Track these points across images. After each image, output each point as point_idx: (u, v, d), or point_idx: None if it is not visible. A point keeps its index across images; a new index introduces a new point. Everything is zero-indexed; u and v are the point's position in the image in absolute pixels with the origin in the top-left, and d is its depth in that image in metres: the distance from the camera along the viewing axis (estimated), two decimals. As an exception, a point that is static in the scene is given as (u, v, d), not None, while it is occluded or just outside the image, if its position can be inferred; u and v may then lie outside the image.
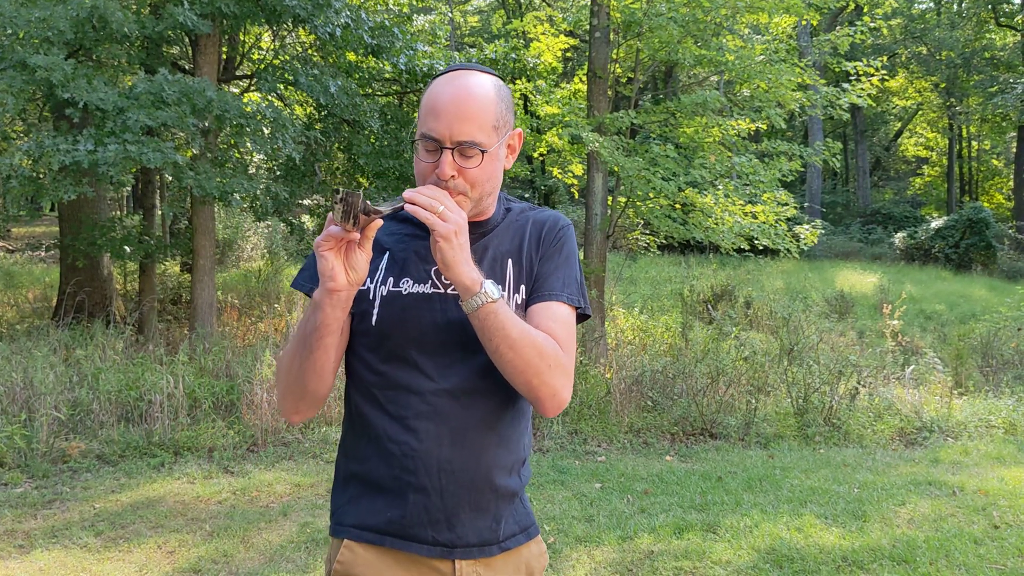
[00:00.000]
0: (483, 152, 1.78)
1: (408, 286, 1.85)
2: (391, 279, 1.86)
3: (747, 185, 10.48)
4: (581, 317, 1.94)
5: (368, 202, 1.64)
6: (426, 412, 1.80)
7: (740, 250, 10.61)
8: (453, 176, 1.77)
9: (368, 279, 1.86)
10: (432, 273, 1.85)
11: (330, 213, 1.67)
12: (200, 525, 5.35)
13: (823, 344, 10.65)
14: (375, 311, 1.84)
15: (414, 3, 13.08)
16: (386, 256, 1.89)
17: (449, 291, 1.83)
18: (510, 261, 1.89)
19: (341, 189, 1.62)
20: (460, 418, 1.81)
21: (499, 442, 1.86)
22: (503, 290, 1.79)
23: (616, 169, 9.82)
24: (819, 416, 8.12)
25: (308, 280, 1.92)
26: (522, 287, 1.88)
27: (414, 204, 1.66)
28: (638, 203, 10.57)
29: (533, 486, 6.25)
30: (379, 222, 1.67)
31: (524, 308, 1.87)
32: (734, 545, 5.03)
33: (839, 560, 4.80)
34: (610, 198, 10.96)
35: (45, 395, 6.93)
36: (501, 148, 1.85)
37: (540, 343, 1.75)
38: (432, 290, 1.84)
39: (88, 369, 7.83)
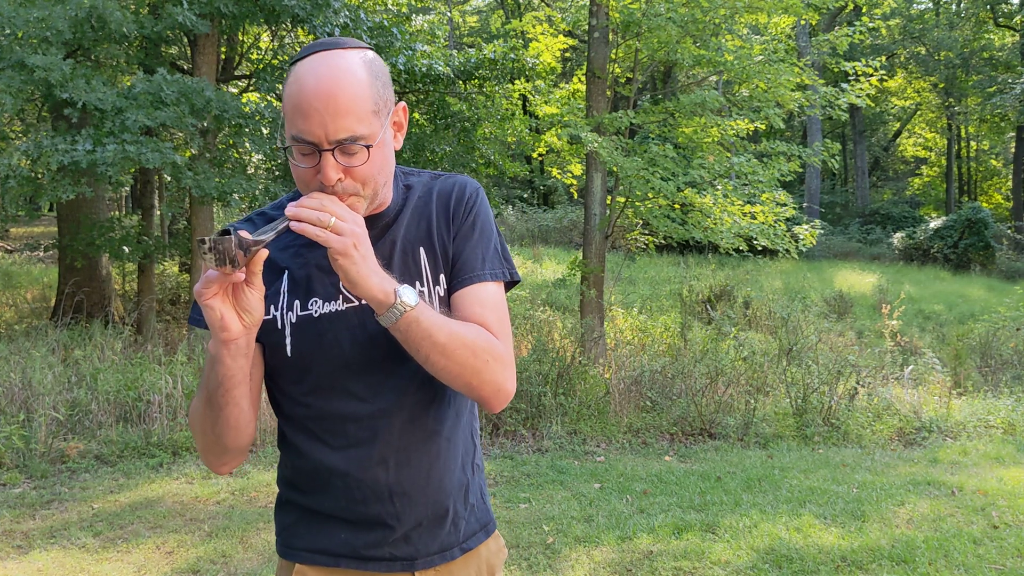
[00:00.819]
0: (368, 147, 1.55)
1: (318, 307, 1.65)
2: (297, 302, 1.66)
3: (746, 185, 10.48)
4: (511, 285, 1.76)
5: (245, 234, 1.44)
6: (365, 438, 1.66)
7: (739, 250, 10.61)
8: (340, 179, 1.55)
9: (272, 306, 1.66)
10: (341, 286, 1.66)
11: (200, 261, 1.45)
12: (198, 525, 5.35)
13: (822, 344, 10.65)
14: (287, 341, 1.66)
15: (413, 3, 13.08)
16: (285, 277, 1.69)
17: (362, 302, 1.64)
18: (422, 250, 1.70)
19: (206, 239, 1.40)
20: (402, 437, 1.67)
21: (447, 446, 1.74)
22: (421, 285, 1.67)
23: (615, 169, 9.82)
24: (818, 416, 8.12)
25: (199, 312, 1.67)
26: (441, 276, 1.70)
27: (300, 221, 1.45)
28: (637, 203, 10.57)
29: (532, 486, 6.25)
30: (264, 253, 1.47)
31: (447, 296, 1.70)
32: (733, 545, 5.02)
33: (838, 560, 4.80)
34: (609, 198, 10.96)
35: (43, 395, 6.93)
36: (387, 131, 1.62)
37: (471, 341, 1.59)
38: (345, 305, 1.65)
39: (86, 369, 7.83)
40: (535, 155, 13.98)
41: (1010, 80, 30.71)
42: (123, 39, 9.10)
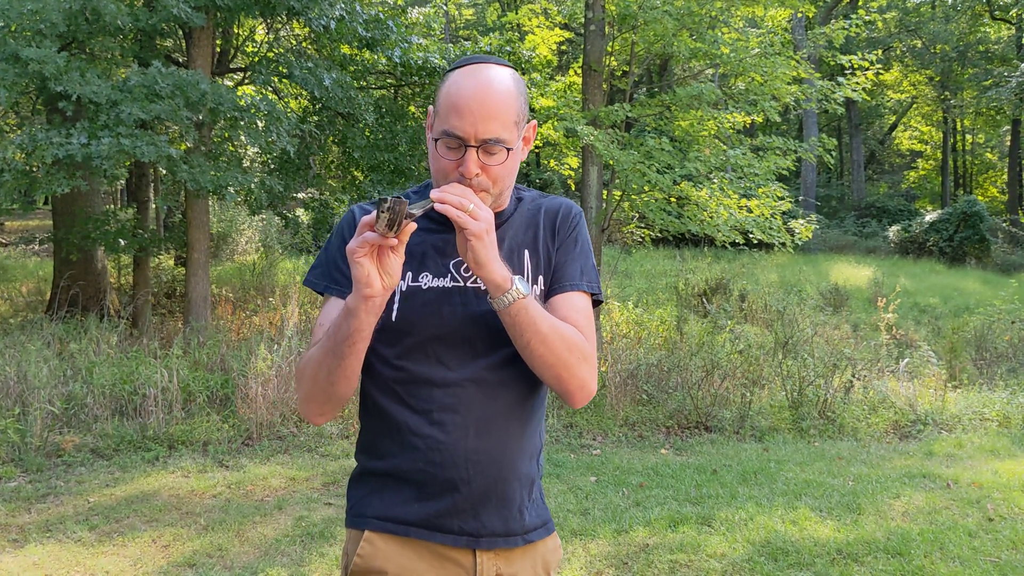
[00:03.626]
0: (508, 150, 1.78)
1: (427, 281, 1.84)
2: (409, 274, 1.84)
3: (741, 179, 10.47)
4: (595, 303, 1.94)
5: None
6: (450, 404, 1.79)
7: (735, 243, 10.61)
8: (477, 174, 1.75)
9: None
10: (451, 267, 1.85)
11: (365, 216, 1.65)
12: (195, 519, 5.34)
13: (817, 337, 10.66)
14: (395, 307, 1.82)
15: (408, -4, 13.04)
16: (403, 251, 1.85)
17: (468, 284, 1.83)
18: (527, 252, 1.89)
19: (389, 198, 1.59)
20: (485, 408, 1.80)
21: (522, 431, 1.86)
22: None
23: (611, 162, 9.81)
24: (814, 409, 8.13)
25: (322, 278, 1.91)
26: (540, 278, 1.88)
27: (444, 203, 1.64)
28: (633, 196, 10.56)
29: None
30: (414, 226, 1.64)
31: (544, 299, 1.87)
32: (729, 538, 5.03)
33: (834, 553, 4.81)
34: (605, 191, 10.95)
35: (39, 389, 6.91)
36: (519, 141, 1.84)
37: (569, 337, 1.76)
38: (452, 284, 1.83)
39: (82, 363, 7.81)
40: (531, 148, 13.95)
41: (1006, 73, 30.68)
42: (118, 32, 9.05)
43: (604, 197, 10.90)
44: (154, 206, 13.49)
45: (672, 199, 10.46)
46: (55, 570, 4.55)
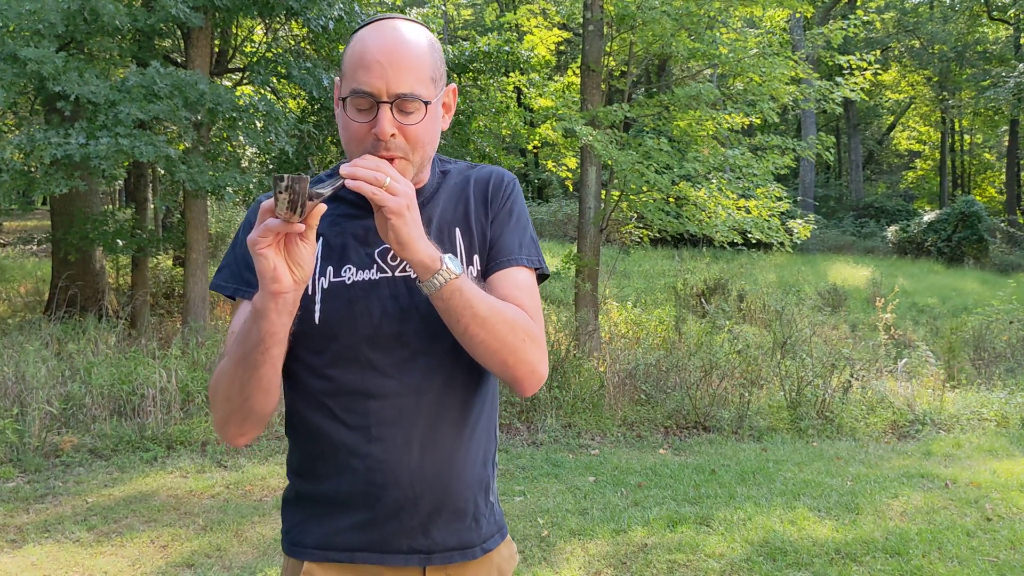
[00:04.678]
0: (426, 104, 1.57)
1: (351, 274, 1.63)
2: (330, 268, 1.64)
3: (740, 179, 10.49)
4: (540, 277, 1.76)
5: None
6: (390, 417, 1.60)
7: (733, 243, 10.62)
8: (393, 135, 1.56)
9: None
10: (376, 256, 1.65)
11: (267, 200, 1.43)
12: (193, 519, 5.34)
13: (816, 337, 10.67)
14: (316, 307, 1.62)
15: (407, -4, 13.05)
16: (320, 242, 1.65)
17: (397, 273, 1.63)
18: (458, 231, 1.69)
19: (286, 176, 1.37)
20: (429, 418, 1.62)
21: (472, 435, 1.69)
22: None
23: (609, 162, 9.82)
24: (812, 409, 8.14)
25: (230, 279, 1.70)
26: (475, 257, 1.69)
27: (355, 179, 1.44)
28: (631, 196, 10.58)
29: (527, 479, 6.25)
30: (322, 207, 1.44)
31: (482, 279, 1.67)
32: (727, 538, 5.04)
33: (832, 553, 4.82)
34: (603, 191, 10.96)
35: (37, 389, 6.91)
36: (438, 105, 1.64)
37: (511, 317, 1.57)
38: (379, 275, 1.63)
39: (80, 363, 7.81)
40: (530, 148, 13.98)
41: (1004, 74, 30.69)
42: (116, 32, 9.06)
43: (603, 197, 10.91)
44: (152, 206, 13.50)
45: (670, 199, 10.47)
46: (53, 570, 4.55)
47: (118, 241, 10.74)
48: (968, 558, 4.74)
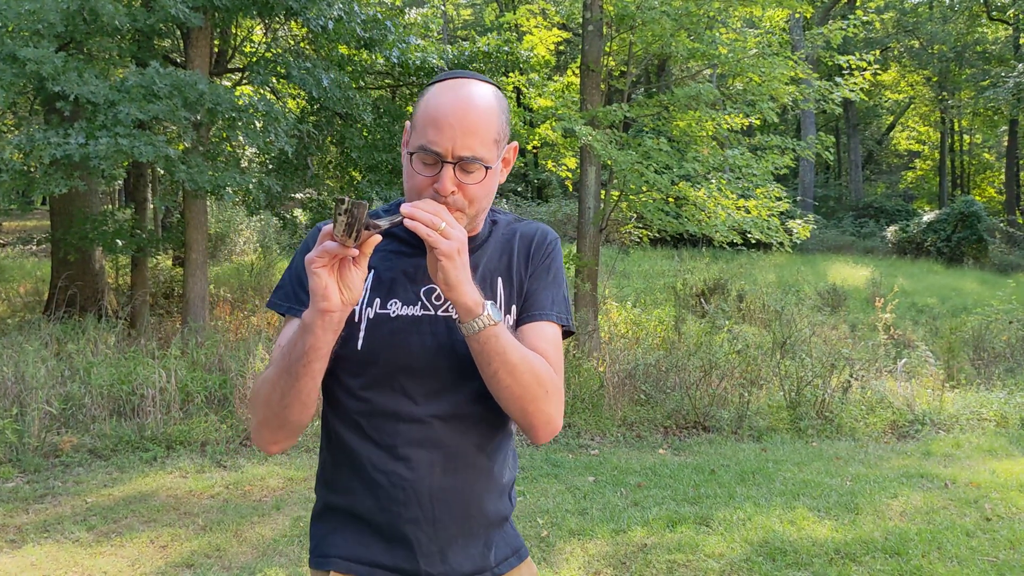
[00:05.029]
0: (487, 168, 1.69)
1: (396, 308, 1.75)
2: (377, 300, 1.75)
3: (739, 179, 10.49)
4: (566, 334, 1.87)
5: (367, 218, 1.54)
6: (417, 439, 1.71)
7: (733, 243, 10.62)
8: (453, 192, 1.67)
9: None
10: (422, 294, 1.76)
11: (327, 225, 1.55)
12: (193, 519, 5.34)
13: (815, 337, 10.67)
14: (361, 335, 1.73)
15: (406, -4, 13.04)
16: (371, 275, 1.77)
17: (439, 313, 1.74)
18: (500, 280, 1.81)
19: (347, 199, 1.48)
20: (452, 444, 1.73)
21: (491, 467, 1.80)
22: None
23: (609, 163, 9.82)
24: (812, 409, 8.14)
25: (285, 299, 1.81)
26: (513, 307, 1.80)
27: (414, 220, 1.54)
28: (631, 196, 10.58)
29: (527, 480, 6.25)
30: (377, 238, 1.55)
31: (514, 328, 1.79)
32: (727, 538, 5.04)
33: (832, 552, 4.82)
34: (603, 192, 10.96)
35: (36, 389, 6.90)
36: (499, 164, 1.77)
37: (538, 368, 1.68)
38: (422, 312, 1.74)
39: (80, 363, 7.81)
40: (529, 148, 13.96)
41: (1003, 74, 30.68)
42: (115, 32, 9.05)
43: (602, 197, 10.91)
44: (152, 206, 13.49)
45: (670, 199, 10.47)
46: (53, 570, 4.55)
47: (117, 241, 10.73)
48: (967, 558, 4.74)
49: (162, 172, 10.40)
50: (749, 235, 10.43)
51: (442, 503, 1.73)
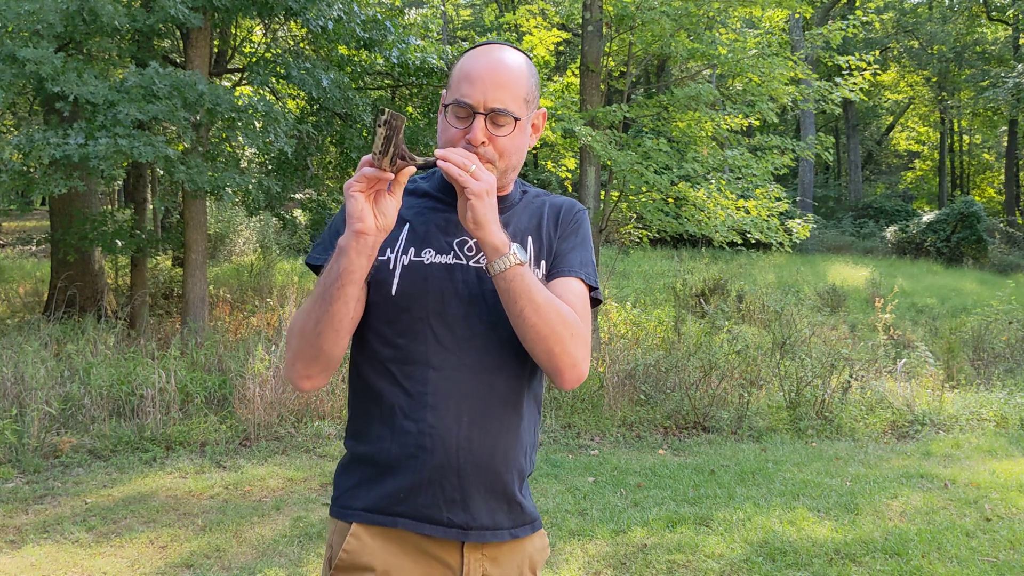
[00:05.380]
0: (516, 120, 1.79)
1: (430, 256, 1.82)
2: (412, 249, 1.83)
3: (739, 179, 10.49)
4: (594, 302, 1.93)
5: (404, 146, 1.62)
6: (446, 388, 1.76)
7: (732, 244, 10.62)
8: (484, 142, 1.77)
9: (388, 249, 1.83)
10: (454, 245, 1.84)
11: (365, 157, 1.65)
12: (192, 520, 5.34)
13: (815, 338, 10.67)
14: (395, 280, 1.81)
15: (406, -4, 13.04)
16: (406, 227, 1.86)
17: (471, 263, 1.82)
18: (531, 239, 1.89)
19: (386, 110, 1.57)
20: (481, 395, 1.78)
21: (517, 422, 1.84)
22: None
23: (609, 163, 9.81)
24: (811, 409, 8.14)
25: (324, 251, 1.86)
26: (542, 263, 1.88)
27: (447, 161, 1.64)
28: (631, 197, 10.58)
29: (526, 480, 6.25)
30: (412, 168, 1.65)
31: (544, 282, 1.84)
32: (727, 538, 5.03)
33: (831, 553, 4.82)
34: (603, 192, 10.96)
35: (36, 390, 6.90)
36: (528, 123, 1.86)
37: (563, 310, 1.74)
38: (455, 261, 1.82)
39: (79, 364, 7.81)
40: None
41: (1003, 74, 30.69)
42: (115, 32, 9.05)
43: (602, 198, 10.91)
44: (151, 207, 13.49)
45: (670, 200, 10.47)
46: (52, 571, 4.55)
47: (117, 241, 10.73)
48: (967, 558, 4.74)
49: (161, 172, 10.40)
50: (749, 235, 10.43)
51: (467, 452, 1.76)
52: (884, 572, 4.57)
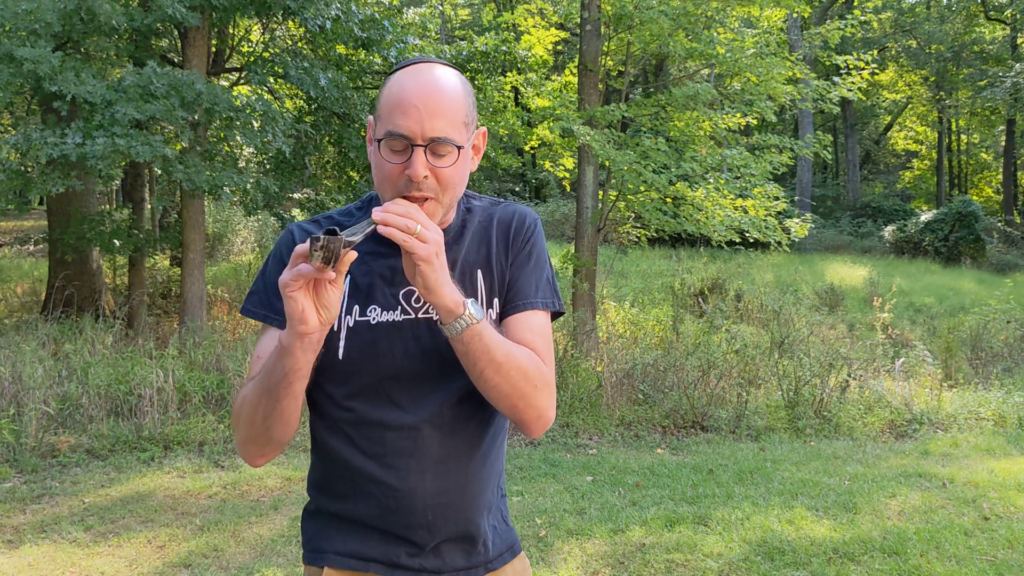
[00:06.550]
0: (459, 148, 1.64)
1: (376, 315, 1.70)
2: (356, 307, 1.71)
3: (738, 178, 10.49)
4: (555, 315, 1.84)
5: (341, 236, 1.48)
6: (406, 448, 1.68)
7: (731, 243, 10.62)
8: (426, 177, 1.61)
9: None
10: (400, 297, 1.71)
11: (300, 246, 1.49)
12: (190, 519, 5.33)
13: (813, 337, 10.68)
14: (341, 344, 1.69)
15: (404, -4, 13.03)
16: (347, 281, 1.71)
17: (420, 315, 1.70)
18: (480, 273, 1.76)
19: (322, 236, 1.43)
20: (442, 449, 1.70)
21: (482, 463, 1.77)
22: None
23: (607, 163, 9.82)
24: (810, 409, 8.14)
25: (260, 306, 1.76)
26: (495, 301, 1.76)
27: (388, 226, 1.48)
28: (629, 196, 10.58)
29: (524, 479, 6.25)
30: (353, 254, 1.49)
31: (499, 321, 1.75)
32: (725, 537, 5.03)
33: (830, 552, 4.82)
34: (601, 191, 10.96)
35: (34, 389, 6.90)
36: (469, 148, 1.72)
37: (525, 364, 1.64)
38: (403, 316, 1.70)
39: (77, 363, 7.80)
40: (527, 148, 13.94)
41: (1000, 74, 30.69)
42: (113, 32, 9.04)
43: (600, 197, 10.91)
44: (149, 206, 13.47)
45: (668, 199, 10.47)
46: (50, 571, 4.54)
47: (115, 241, 10.72)
48: (966, 557, 4.74)
49: (159, 172, 10.39)
50: (747, 234, 10.43)
51: (435, 508, 1.70)
52: (882, 571, 4.57)
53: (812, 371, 8.43)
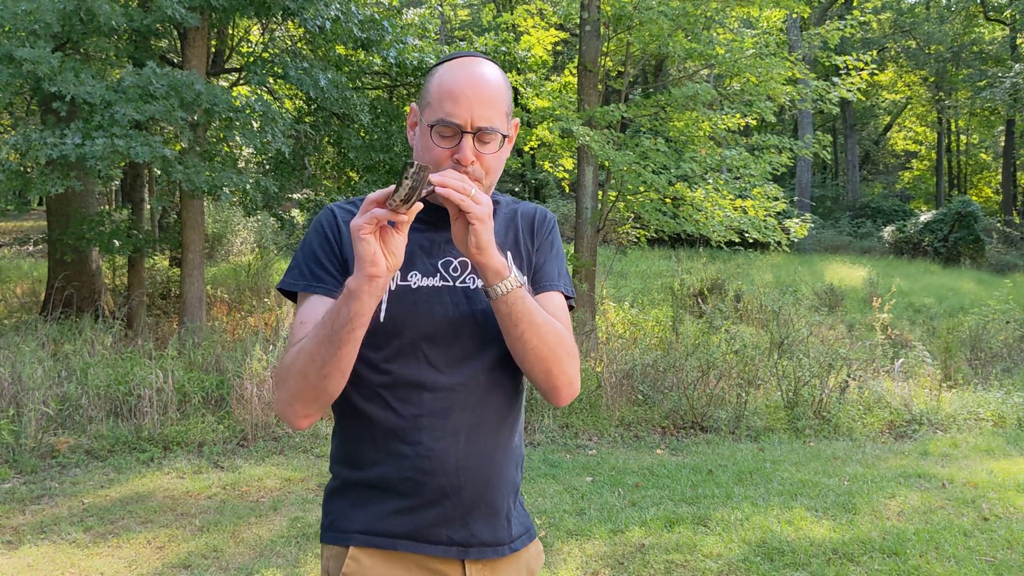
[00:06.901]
0: (503, 137, 1.79)
1: (417, 280, 1.80)
2: (398, 273, 1.79)
3: (737, 179, 10.50)
4: (570, 306, 1.95)
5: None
6: (441, 409, 1.75)
7: (730, 243, 10.63)
8: (473, 162, 1.74)
9: None
10: (439, 266, 1.82)
11: (371, 195, 1.59)
12: (190, 520, 5.33)
13: (813, 337, 10.68)
14: (383, 307, 1.76)
15: (403, -4, 13.03)
16: None
17: (458, 283, 1.81)
18: (509, 254, 1.86)
19: (415, 162, 1.51)
20: (475, 414, 1.77)
21: (509, 437, 1.85)
22: None
23: (606, 163, 9.82)
24: (809, 409, 8.14)
25: (300, 278, 1.82)
26: (524, 279, 1.82)
27: (446, 187, 1.59)
28: (628, 197, 10.58)
29: (525, 480, 6.24)
30: (419, 205, 1.58)
31: None
32: (725, 538, 5.03)
33: (829, 552, 4.82)
34: (600, 192, 10.96)
35: (33, 390, 6.89)
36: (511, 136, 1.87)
37: (559, 330, 1.76)
38: (442, 283, 1.80)
39: (77, 364, 7.80)
40: (526, 148, 13.94)
41: (1000, 74, 30.69)
42: (112, 32, 9.04)
43: (599, 198, 10.91)
44: (149, 207, 13.48)
45: (667, 200, 10.48)
46: (49, 571, 4.54)
47: (114, 241, 10.72)
48: (965, 558, 4.74)
49: (159, 172, 10.38)
50: (746, 235, 10.44)
51: (467, 471, 1.75)
52: (882, 572, 4.57)
53: (811, 372, 8.43)
